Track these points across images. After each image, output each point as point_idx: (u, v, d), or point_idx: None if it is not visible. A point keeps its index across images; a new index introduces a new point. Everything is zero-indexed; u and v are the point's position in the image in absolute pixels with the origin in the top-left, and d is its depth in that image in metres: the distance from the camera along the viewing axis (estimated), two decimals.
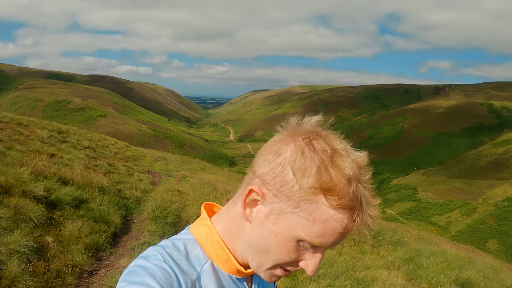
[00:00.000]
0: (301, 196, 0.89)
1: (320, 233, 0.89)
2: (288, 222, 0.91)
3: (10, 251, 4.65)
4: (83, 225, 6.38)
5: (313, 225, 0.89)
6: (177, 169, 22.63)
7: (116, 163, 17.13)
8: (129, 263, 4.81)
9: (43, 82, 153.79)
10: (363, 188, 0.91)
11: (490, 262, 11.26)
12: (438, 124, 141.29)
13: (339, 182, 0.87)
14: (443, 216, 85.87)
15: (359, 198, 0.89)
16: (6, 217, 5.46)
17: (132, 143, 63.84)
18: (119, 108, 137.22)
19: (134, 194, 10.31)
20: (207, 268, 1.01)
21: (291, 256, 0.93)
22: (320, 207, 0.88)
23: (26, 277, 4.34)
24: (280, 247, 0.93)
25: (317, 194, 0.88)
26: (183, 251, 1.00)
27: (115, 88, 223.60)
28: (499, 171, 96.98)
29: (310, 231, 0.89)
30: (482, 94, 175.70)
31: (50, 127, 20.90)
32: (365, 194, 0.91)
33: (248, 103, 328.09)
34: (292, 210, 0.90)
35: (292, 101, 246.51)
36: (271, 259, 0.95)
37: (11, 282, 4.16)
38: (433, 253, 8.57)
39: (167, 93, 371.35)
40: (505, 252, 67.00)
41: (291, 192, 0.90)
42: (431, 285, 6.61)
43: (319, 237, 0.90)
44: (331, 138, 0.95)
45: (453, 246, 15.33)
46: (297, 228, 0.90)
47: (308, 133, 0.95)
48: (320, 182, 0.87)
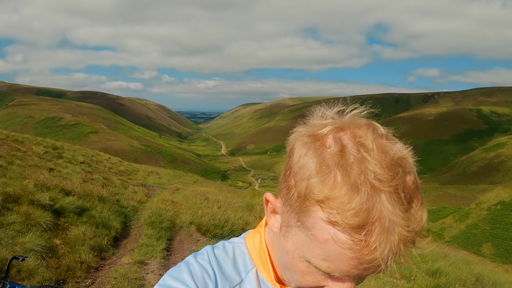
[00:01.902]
0: (299, 205, 0.72)
1: (324, 256, 0.71)
2: (294, 237, 0.77)
3: (25, 249, 5.32)
4: (87, 230, 7.04)
5: (315, 245, 0.71)
6: (170, 182, 23.27)
7: (111, 177, 17.75)
8: (130, 261, 5.58)
9: (34, 99, 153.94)
10: (387, 200, 0.65)
11: (464, 257, 11.98)
12: (429, 131, 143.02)
13: (340, 190, 0.65)
14: (437, 223, 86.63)
15: (374, 214, 0.64)
16: (19, 222, 6.14)
17: (124, 158, 64.25)
18: (110, 124, 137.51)
19: (131, 204, 10.97)
20: (251, 275, 0.95)
21: (308, 280, 0.78)
22: (318, 223, 0.69)
23: (42, 270, 5.01)
24: (293, 266, 0.80)
25: (312, 205, 0.69)
26: (231, 255, 0.97)
27: (106, 104, 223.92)
28: (490, 176, 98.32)
29: (313, 252, 0.72)
30: (471, 100, 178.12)
31: (45, 143, 21.48)
32: (388, 209, 0.65)
33: (239, 117, 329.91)
34: (295, 224, 0.75)
35: (282, 113, 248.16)
36: (292, 278, 0.82)
37: (29, 273, 4.83)
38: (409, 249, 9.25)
39: (158, 108, 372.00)
40: (500, 255, 67.75)
41: (292, 200, 0.75)
42: (403, 275, 7.31)
43: (325, 261, 0.71)
44: (361, 131, 0.72)
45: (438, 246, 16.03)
46: (303, 246, 0.75)
47: (323, 126, 0.75)
48: (316, 189, 0.68)
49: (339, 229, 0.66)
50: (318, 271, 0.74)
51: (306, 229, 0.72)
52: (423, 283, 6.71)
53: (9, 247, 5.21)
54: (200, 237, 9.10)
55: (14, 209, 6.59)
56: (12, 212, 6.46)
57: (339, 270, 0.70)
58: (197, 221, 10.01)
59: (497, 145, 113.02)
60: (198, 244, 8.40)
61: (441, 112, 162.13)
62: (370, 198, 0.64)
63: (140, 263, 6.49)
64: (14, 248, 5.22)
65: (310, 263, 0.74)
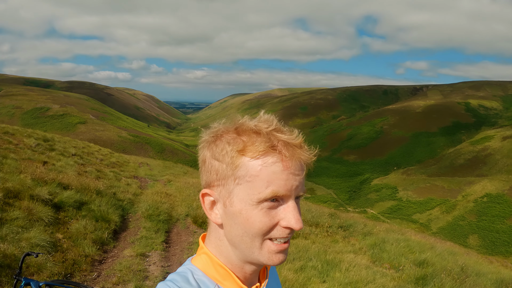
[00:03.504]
0: (231, 169, 0.98)
1: (266, 184, 0.95)
2: (239, 195, 0.98)
3: (31, 245, 5.50)
4: (87, 223, 7.24)
5: (256, 183, 0.95)
6: (161, 174, 23.43)
7: (104, 169, 17.89)
8: (132, 254, 5.82)
9: (21, 89, 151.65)
10: (276, 131, 1.01)
11: (450, 248, 12.38)
12: (417, 124, 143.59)
13: (249, 137, 0.98)
14: (424, 214, 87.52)
15: (275, 137, 0.99)
16: (22, 218, 6.31)
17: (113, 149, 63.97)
18: (98, 115, 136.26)
19: (127, 197, 11.17)
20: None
21: (265, 221, 0.97)
22: (249, 165, 0.96)
23: (50, 264, 5.20)
24: (249, 219, 0.98)
25: (240, 158, 0.97)
26: (193, 282, 1.03)
27: (94, 94, 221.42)
28: (477, 168, 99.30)
29: (258, 189, 0.95)
30: (460, 93, 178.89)
31: (36, 135, 21.48)
32: (280, 135, 1.00)
33: (228, 107, 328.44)
34: (235, 185, 0.98)
35: (271, 104, 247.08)
36: (253, 236, 0.99)
37: (38, 268, 5.03)
38: (397, 240, 9.60)
39: (146, 98, 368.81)
40: (486, 247, 68.86)
41: (224, 172, 0.99)
42: (392, 265, 7.63)
43: (269, 187, 0.95)
44: (244, 123, 1.04)
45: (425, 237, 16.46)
46: (248, 193, 0.97)
47: (215, 132, 1.06)
48: (236, 149, 0.97)
49: (262, 157, 0.95)
50: (268, 206, 0.97)
51: (243, 178, 0.97)
52: (411, 273, 7.03)
53: (15, 243, 5.38)
54: (196, 229, 9.34)
55: (15, 205, 6.75)
56: (14, 207, 6.61)
57: (281, 186, 0.96)
58: (193, 214, 10.24)
59: (484, 138, 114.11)
60: (195, 236, 8.63)
61: (430, 104, 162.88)
62: (267, 134, 0.98)
63: (141, 255, 6.71)
64: (20, 244, 5.39)
65: (259, 201, 0.96)
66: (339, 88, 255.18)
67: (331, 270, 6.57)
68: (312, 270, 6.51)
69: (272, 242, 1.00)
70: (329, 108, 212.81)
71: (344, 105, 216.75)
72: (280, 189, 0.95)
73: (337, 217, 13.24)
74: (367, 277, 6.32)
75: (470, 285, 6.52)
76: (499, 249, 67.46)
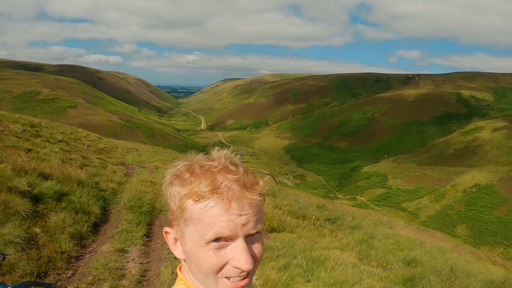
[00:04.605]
0: (180, 211, 1.06)
1: (209, 226, 1.01)
2: (189, 236, 1.05)
3: (5, 242, 5.25)
4: (66, 216, 6.98)
5: (200, 225, 1.02)
6: (149, 160, 23.13)
7: (90, 155, 17.57)
8: (111, 249, 5.56)
9: (11, 73, 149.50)
10: (224, 171, 1.06)
11: (440, 244, 12.29)
12: (408, 112, 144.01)
13: (197, 179, 1.03)
14: (413, 202, 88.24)
15: (223, 178, 1.04)
16: None
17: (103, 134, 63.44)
18: (89, 99, 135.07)
19: (110, 186, 10.90)
20: None
21: (214, 261, 1.04)
22: (192, 208, 1.02)
23: (23, 263, 4.97)
24: (199, 259, 1.05)
25: (186, 201, 1.04)
26: None
27: (85, 78, 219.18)
28: (467, 159, 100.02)
29: (202, 231, 1.02)
30: (451, 83, 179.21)
31: (22, 121, 21.08)
32: (225, 176, 1.05)
33: (219, 92, 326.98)
34: (184, 226, 1.06)
35: (263, 89, 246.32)
36: (206, 274, 1.07)
37: (11, 268, 4.78)
38: (386, 236, 9.46)
39: (137, 82, 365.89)
40: (474, 236, 69.73)
41: (176, 214, 1.08)
42: (380, 263, 7.48)
43: (212, 229, 1.01)
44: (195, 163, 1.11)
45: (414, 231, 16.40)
46: (194, 235, 1.04)
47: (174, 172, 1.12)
48: (182, 193, 1.04)
49: (203, 200, 1.01)
50: (216, 246, 1.02)
51: (189, 221, 1.03)
52: (399, 273, 6.88)
53: None
54: None
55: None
56: None
57: (224, 228, 1.01)
58: None
59: (475, 129, 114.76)
60: None
61: (421, 94, 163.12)
62: (211, 175, 1.03)
63: (120, 251, 6.49)
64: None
65: (206, 244, 1.02)
66: (331, 75, 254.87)
67: (316, 269, 6.40)
68: (296, 268, 6.34)
69: (228, 279, 1.05)
70: (320, 95, 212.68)
71: (336, 92, 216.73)
72: (224, 230, 1.01)
73: (325, 209, 13.08)
74: (354, 277, 6.16)
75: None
76: (487, 239, 68.27)
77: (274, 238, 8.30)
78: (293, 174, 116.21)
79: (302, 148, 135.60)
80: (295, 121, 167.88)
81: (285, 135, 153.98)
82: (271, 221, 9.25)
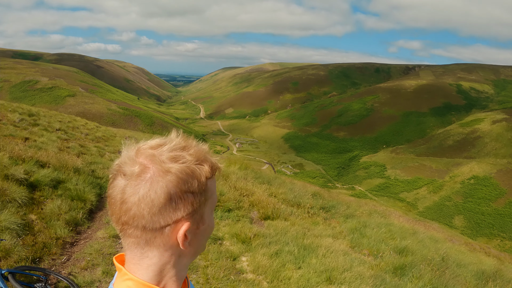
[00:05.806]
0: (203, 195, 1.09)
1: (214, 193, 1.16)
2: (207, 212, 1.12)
3: (1, 228, 5.35)
4: (62, 203, 7.07)
5: (214, 196, 1.14)
6: None
7: (88, 144, 17.64)
8: (105, 235, 5.66)
9: (9, 62, 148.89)
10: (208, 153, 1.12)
11: (433, 234, 12.40)
12: (407, 103, 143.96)
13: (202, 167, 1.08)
14: (411, 193, 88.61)
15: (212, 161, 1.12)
16: None
17: (102, 122, 63.55)
18: (88, 87, 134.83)
19: (107, 174, 10.96)
20: None
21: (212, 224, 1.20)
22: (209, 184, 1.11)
23: (18, 248, 5.07)
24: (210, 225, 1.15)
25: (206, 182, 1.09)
26: None
27: (84, 66, 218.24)
28: (466, 150, 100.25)
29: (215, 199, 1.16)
30: (452, 75, 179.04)
31: (20, 110, 21.12)
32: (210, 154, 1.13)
33: (219, 81, 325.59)
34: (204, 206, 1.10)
35: (262, 78, 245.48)
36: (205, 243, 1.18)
37: (6, 253, 4.89)
38: (379, 225, 9.55)
39: (136, 70, 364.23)
40: (471, 228, 70.16)
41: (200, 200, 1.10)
42: (371, 252, 7.58)
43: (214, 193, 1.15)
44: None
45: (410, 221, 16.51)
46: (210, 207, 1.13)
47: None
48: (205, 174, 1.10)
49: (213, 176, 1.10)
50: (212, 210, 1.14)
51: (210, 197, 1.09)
52: (390, 261, 6.97)
53: None
54: None
55: None
56: None
57: None
58: None
59: (474, 121, 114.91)
60: None
61: (421, 84, 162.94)
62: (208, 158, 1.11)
63: (114, 237, 6.58)
64: None
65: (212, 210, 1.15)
66: (331, 64, 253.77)
67: (308, 256, 6.51)
68: (288, 255, 6.44)
69: None
70: (320, 84, 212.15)
71: (336, 82, 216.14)
72: None
73: (320, 197, 13.18)
74: (344, 265, 6.26)
75: (449, 277, 6.49)
76: (484, 231, 68.72)
77: (267, 226, 8.41)
78: (292, 163, 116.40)
79: (301, 137, 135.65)
80: (294, 110, 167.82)
81: (284, 124, 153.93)
82: (266, 208, 9.35)
